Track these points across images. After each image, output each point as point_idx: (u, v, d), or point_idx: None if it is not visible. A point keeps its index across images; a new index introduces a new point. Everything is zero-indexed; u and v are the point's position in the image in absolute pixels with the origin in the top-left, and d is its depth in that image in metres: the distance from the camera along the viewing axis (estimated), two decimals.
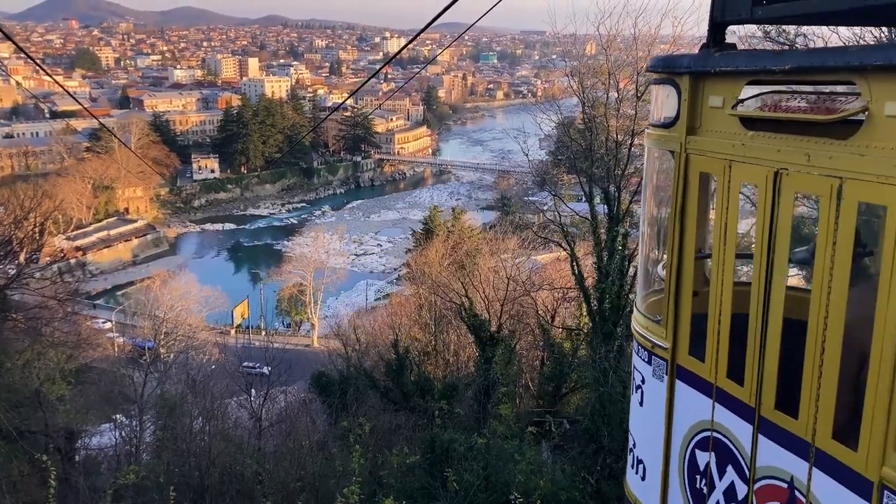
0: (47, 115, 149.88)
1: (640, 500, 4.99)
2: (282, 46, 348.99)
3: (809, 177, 3.51)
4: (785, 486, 3.71)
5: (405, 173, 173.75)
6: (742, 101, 3.95)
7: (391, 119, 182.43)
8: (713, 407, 4.13)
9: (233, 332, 79.00)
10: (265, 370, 47.09)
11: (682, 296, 4.36)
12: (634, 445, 5.05)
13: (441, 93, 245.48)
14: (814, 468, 3.52)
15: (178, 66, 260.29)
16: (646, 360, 4.75)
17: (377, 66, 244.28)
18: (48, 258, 47.22)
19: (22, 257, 27.10)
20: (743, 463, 3.97)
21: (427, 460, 15.99)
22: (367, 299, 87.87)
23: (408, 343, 28.37)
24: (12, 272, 25.23)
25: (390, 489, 15.73)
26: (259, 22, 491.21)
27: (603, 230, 23.69)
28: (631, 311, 7.63)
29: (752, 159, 3.79)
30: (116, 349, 55.54)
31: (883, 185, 3.14)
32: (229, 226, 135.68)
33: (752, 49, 4.17)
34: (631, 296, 22.03)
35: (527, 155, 31.68)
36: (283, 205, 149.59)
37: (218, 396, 27.79)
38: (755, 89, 4.04)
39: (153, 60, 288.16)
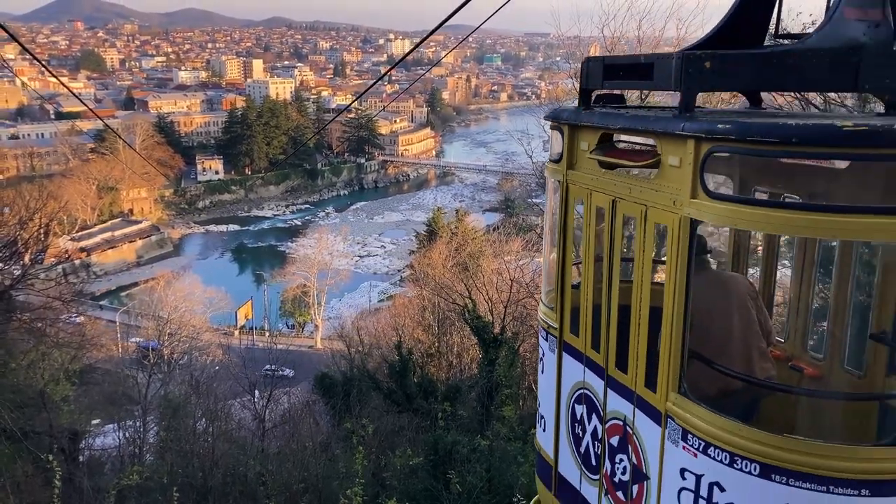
0: (52, 117, 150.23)
1: (543, 447, 6.14)
2: (286, 48, 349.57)
3: (630, 204, 4.76)
4: (621, 423, 4.97)
5: (409, 175, 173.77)
6: (599, 146, 5.11)
7: (395, 121, 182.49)
8: (584, 371, 5.39)
9: (236, 333, 79.07)
10: (288, 373, 47.59)
11: (566, 288, 5.62)
12: (539, 405, 6.24)
13: (445, 94, 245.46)
14: (636, 408, 4.79)
15: (183, 68, 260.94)
16: (545, 338, 6.01)
17: (381, 68, 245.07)
18: (53, 259, 47.23)
19: (27, 258, 27.13)
20: (600, 410, 5.21)
21: (430, 462, 16.00)
22: (370, 301, 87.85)
23: (411, 345, 28.40)
24: (17, 273, 25.27)
25: (393, 491, 15.74)
26: (263, 23, 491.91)
27: None
28: None
29: (602, 190, 5.04)
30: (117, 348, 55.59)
31: (666, 212, 4.39)
32: (233, 227, 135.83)
33: (607, 108, 5.39)
34: None
35: (530, 157, 31.69)
36: (286, 206, 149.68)
37: (221, 397, 27.83)
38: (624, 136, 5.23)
39: (158, 62, 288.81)
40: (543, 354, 6.06)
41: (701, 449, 4.20)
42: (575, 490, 5.56)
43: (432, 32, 7.73)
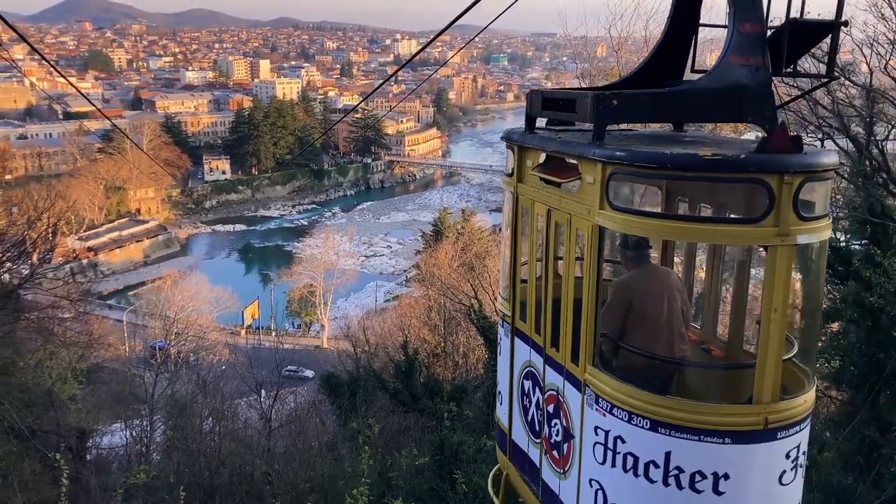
0: (60, 117, 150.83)
1: (500, 419, 7.13)
2: (293, 48, 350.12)
3: (560, 213, 5.69)
4: (556, 393, 5.88)
5: (415, 175, 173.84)
6: (539, 164, 6.04)
7: (401, 121, 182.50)
8: (530, 352, 6.33)
9: (243, 332, 79.26)
10: (308, 374, 47.90)
11: (516, 283, 6.57)
12: (497, 383, 7.21)
13: (451, 95, 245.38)
14: (565, 380, 5.72)
15: (190, 68, 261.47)
16: (501, 325, 6.99)
17: (388, 68, 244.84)
18: (61, 258, 47.46)
19: (35, 257, 27.26)
20: (541, 383, 6.13)
21: (436, 462, 16.00)
22: (376, 301, 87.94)
23: (417, 345, 28.37)
24: (25, 272, 25.40)
25: (399, 491, 15.76)
26: (270, 24, 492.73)
27: None
28: None
29: (541, 201, 5.97)
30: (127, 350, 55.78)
31: (583, 220, 5.34)
32: (240, 227, 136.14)
33: (549, 131, 6.29)
34: None
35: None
36: (293, 206, 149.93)
37: (228, 397, 27.89)
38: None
39: (165, 62, 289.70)
40: (501, 339, 7.05)
41: (608, 410, 5.19)
42: (524, 453, 6.54)
43: (441, 33, 7.85)
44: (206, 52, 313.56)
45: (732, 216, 5.66)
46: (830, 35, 5.51)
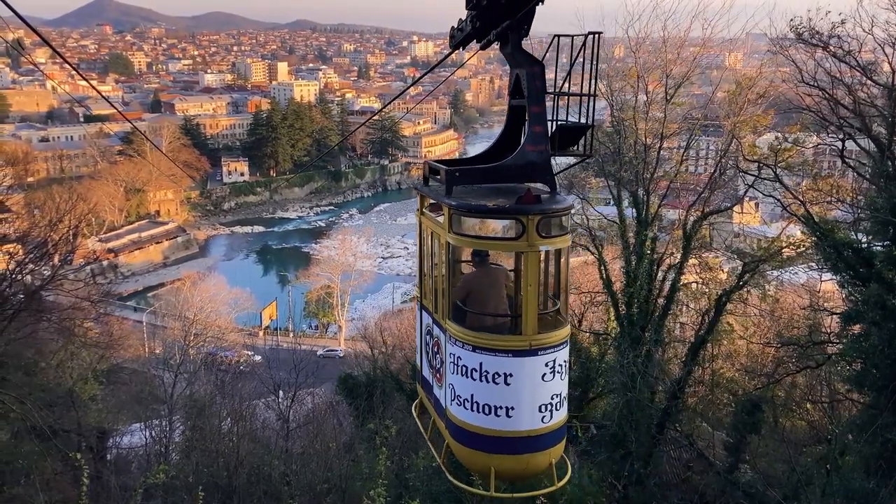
0: (82, 119, 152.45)
1: (417, 363, 10.16)
2: (310, 51, 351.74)
3: (436, 234, 8.64)
4: (438, 339, 8.82)
5: None
6: (430, 204, 9.04)
7: (418, 122, 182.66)
8: (428, 317, 9.30)
9: (261, 333, 79.66)
10: (339, 352, 50.00)
11: (422, 276, 9.66)
12: (416, 340, 10.25)
13: (468, 96, 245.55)
14: (440, 330, 8.65)
15: (209, 71, 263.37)
16: (416, 304, 10.02)
17: (405, 70, 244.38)
18: (81, 260, 47.95)
19: (56, 259, 27.48)
20: (432, 335, 9.13)
21: (453, 463, 15.97)
22: (393, 302, 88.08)
23: None
24: (47, 273, 25.62)
25: (416, 492, 15.76)
26: (288, 26, 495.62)
27: (631, 234, 23.51)
28: (659, 315, 23.42)
29: (430, 226, 8.95)
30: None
31: (443, 238, 8.24)
32: (258, 228, 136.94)
33: (433, 184, 8.90)
34: (660, 300, 22.52)
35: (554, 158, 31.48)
36: (311, 207, 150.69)
37: (246, 398, 28.02)
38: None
39: (184, 65, 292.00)
40: (416, 313, 10.10)
41: (454, 342, 8.21)
42: (427, 381, 9.64)
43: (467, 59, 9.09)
44: (225, 55, 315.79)
45: (507, 236, 8.41)
46: (588, 130, 8.73)
